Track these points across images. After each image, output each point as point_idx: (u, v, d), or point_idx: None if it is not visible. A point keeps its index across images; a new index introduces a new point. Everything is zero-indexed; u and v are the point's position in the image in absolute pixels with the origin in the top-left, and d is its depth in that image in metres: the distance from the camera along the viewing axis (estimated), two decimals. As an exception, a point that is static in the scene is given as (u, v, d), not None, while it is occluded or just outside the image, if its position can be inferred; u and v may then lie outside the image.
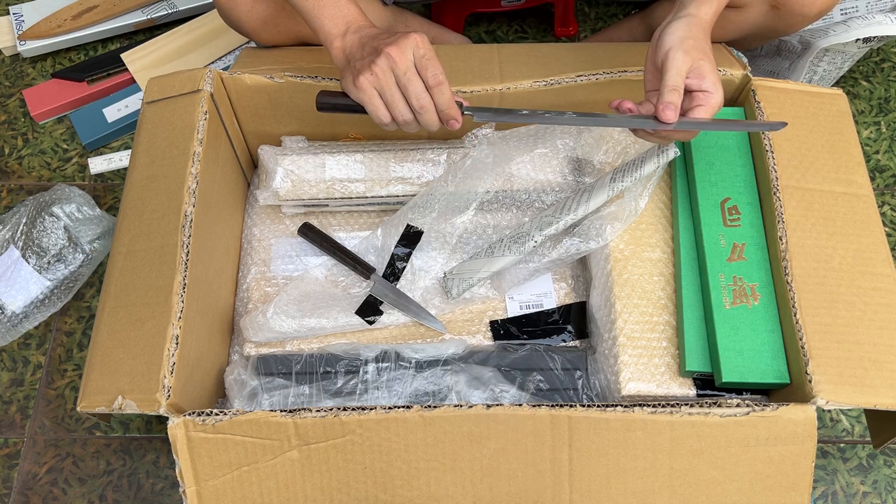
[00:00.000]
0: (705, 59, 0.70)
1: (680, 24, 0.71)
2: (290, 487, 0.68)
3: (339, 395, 0.80)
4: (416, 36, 0.70)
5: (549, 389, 0.81)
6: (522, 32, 1.28)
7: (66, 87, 1.20)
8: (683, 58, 0.69)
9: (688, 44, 0.69)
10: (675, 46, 0.69)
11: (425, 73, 0.69)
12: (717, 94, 0.69)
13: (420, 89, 0.70)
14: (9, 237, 1.00)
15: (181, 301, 0.71)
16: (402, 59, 0.68)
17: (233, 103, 0.90)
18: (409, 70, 0.69)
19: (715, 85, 0.69)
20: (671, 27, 0.71)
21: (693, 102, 0.70)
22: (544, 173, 0.90)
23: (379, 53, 0.69)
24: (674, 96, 0.68)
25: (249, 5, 0.87)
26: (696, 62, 0.69)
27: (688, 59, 0.69)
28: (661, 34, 0.72)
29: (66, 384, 0.98)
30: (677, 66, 0.68)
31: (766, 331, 0.74)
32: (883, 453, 0.92)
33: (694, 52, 0.69)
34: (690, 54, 0.69)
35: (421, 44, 0.69)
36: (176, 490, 0.91)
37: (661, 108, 0.68)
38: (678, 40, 0.70)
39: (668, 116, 0.68)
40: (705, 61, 0.69)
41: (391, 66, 0.69)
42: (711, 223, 0.80)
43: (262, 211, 0.95)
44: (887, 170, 1.13)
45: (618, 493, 0.68)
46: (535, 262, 0.86)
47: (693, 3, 0.73)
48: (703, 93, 0.69)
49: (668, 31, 0.71)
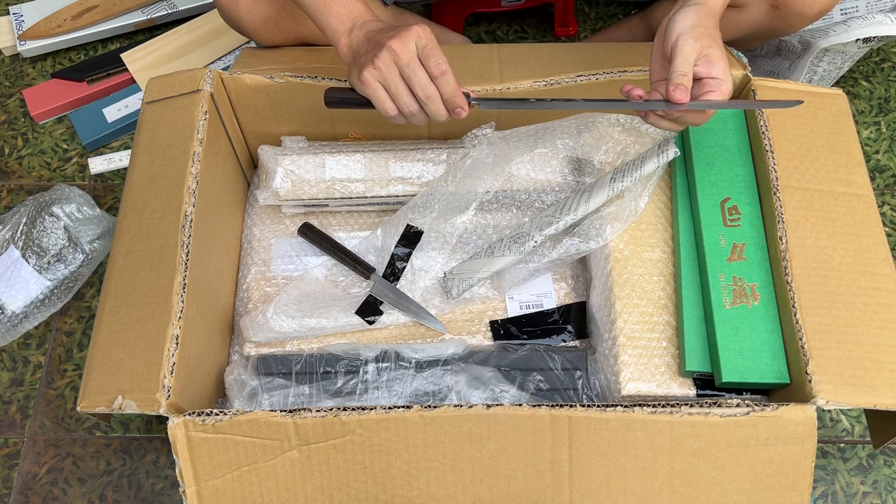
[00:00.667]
0: (715, 47, 0.69)
1: (689, 11, 0.71)
2: (290, 487, 0.68)
3: (339, 395, 0.80)
4: (419, 27, 0.69)
5: (549, 389, 0.81)
6: (522, 32, 1.28)
7: (66, 87, 1.20)
8: (693, 44, 0.68)
9: (698, 31, 0.69)
10: (685, 33, 0.69)
11: (428, 63, 0.69)
12: (727, 82, 0.69)
13: (424, 79, 0.70)
14: (9, 237, 1.00)
15: (181, 301, 0.71)
16: (405, 51, 0.68)
17: (233, 103, 0.90)
18: (412, 61, 0.69)
19: (725, 72, 0.69)
20: (680, 14, 0.71)
21: (703, 89, 0.69)
22: (544, 173, 0.90)
23: (382, 47, 0.69)
24: (684, 79, 0.68)
25: (250, 5, 0.87)
26: (706, 49, 0.69)
27: (697, 46, 0.68)
28: (669, 22, 0.71)
29: (66, 384, 0.98)
30: (686, 53, 0.68)
31: (766, 331, 0.74)
32: (883, 453, 0.92)
33: (704, 40, 0.69)
34: (700, 41, 0.69)
35: (423, 34, 0.69)
36: (176, 490, 0.91)
37: (671, 89, 0.68)
38: (688, 27, 0.69)
39: (679, 97, 0.68)
40: (715, 49, 0.69)
41: (394, 59, 0.69)
42: (711, 223, 0.80)
43: (262, 211, 0.95)
44: (887, 170, 1.13)
45: (618, 493, 0.68)
46: (535, 262, 0.86)
47: None
48: (714, 79, 0.69)
49: (678, 18, 0.70)
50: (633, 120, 0.88)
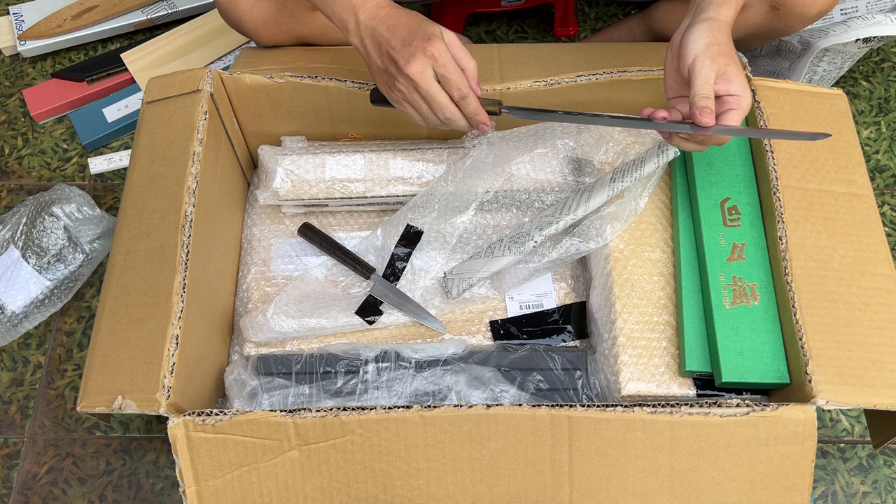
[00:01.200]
0: (731, 63, 0.69)
1: (702, 29, 0.70)
2: (290, 487, 0.68)
3: (339, 395, 0.80)
4: (433, 48, 0.68)
5: (549, 389, 0.81)
6: (522, 32, 1.28)
7: (66, 87, 1.20)
8: (711, 65, 0.68)
9: (713, 50, 0.68)
10: (701, 54, 0.68)
11: (449, 88, 0.70)
12: (746, 97, 0.69)
13: (445, 103, 0.71)
14: (9, 237, 1.00)
15: (181, 301, 0.71)
16: (423, 80, 0.69)
17: (233, 103, 0.90)
18: (430, 87, 0.70)
19: (743, 87, 0.69)
20: (693, 33, 0.70)
21: (724, 107, 0.69)
22: (544, 173, 0.90)
23: (400, 71, 0.69)
24: (707, 101, 0.68)
25: (250, 4, 0.87)
26: (723, 68, 0.69)
27: (714, 66, 0.68)
28: (683, 41, 0.70)
29: (66, 384, 0.98)
30: (705, 75, 0.68)
31: (765, 331, 0.74)
32: (883, 453, 0.92)
33: (720, 59, 0.68)
34: (717, 61, 0.68)
35: (439, 56, 0.69)
36: (176, 490, 0.91)
37: (697, 113, 0.68)
38: (703, 47, 0.69)
39: (705, 120, 0.67)
40: (731, 65, 0.69)
41: (414, 87, 0.70)
42: (711, 223, 0.80)
43: (262, 211, 0.95)
44: (887, 170, 1.13)
45: (618, 493, 0.68)
46: (535, 262, 0.86)
47: (712, 6, 0.71)
48: (733, 96, 0.69)
49: (691, 37, 0.70)
50: (633, 120, 0.88)
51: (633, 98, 0.89)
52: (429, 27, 0.70)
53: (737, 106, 0.69)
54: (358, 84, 0.86)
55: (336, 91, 0.87)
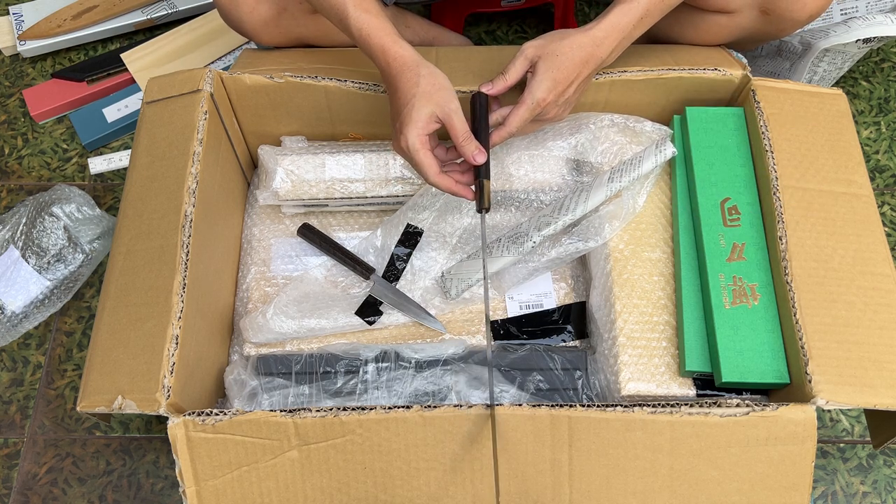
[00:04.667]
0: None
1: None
2: (290, 487, 0.68)
3: (339, 395, 0.80)
4: (403, 142, 0.73)
5: (549, 389, 0.81)
6: (522, 32, 1.28)
7: (66, 87, 1.20)
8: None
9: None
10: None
11: (422, 175, 0.74)
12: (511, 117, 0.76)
13: (425, 175, 0.74)
14: (9, 237, 1.00)
15: (181, 301, 0.71)
16: (404, 155, 0.75)
17: (233, 103, 0.90)
18: (412, 160, 0.74)
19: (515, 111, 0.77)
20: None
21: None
22: (542, 173, 0.90)
23: (395, 137, 0.75)
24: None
25: (251, 6, 0.87)
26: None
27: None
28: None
29: (66, 384, 0.98)
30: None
31: (765, 331, 0.74)
32: (883, 453, 0.92)
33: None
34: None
35: (405, 152, 0.73)
36: (176, 490, 0.91)
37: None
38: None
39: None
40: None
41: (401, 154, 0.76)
42: (711, 223, 0.80)
43: (262, 211, 0.95)
44: (887, 170, 1.13)
45: (618, 493, 0.68)
46: (534, 261, 0.86)
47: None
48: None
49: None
50: (629, 120, 0.88)
51: (634, 98, 0.89)
52: (405, 113, 0.73)
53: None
54: (358, 84, 0.86)
55: (336, 91, 0.87)
